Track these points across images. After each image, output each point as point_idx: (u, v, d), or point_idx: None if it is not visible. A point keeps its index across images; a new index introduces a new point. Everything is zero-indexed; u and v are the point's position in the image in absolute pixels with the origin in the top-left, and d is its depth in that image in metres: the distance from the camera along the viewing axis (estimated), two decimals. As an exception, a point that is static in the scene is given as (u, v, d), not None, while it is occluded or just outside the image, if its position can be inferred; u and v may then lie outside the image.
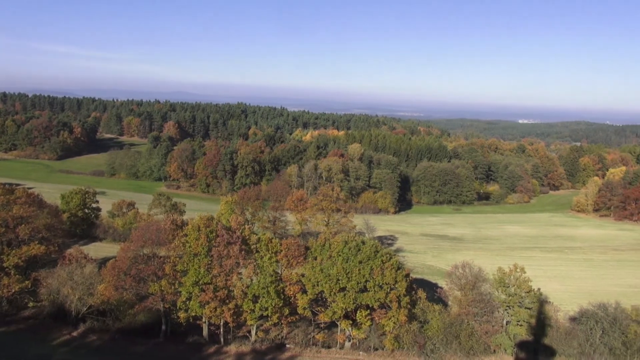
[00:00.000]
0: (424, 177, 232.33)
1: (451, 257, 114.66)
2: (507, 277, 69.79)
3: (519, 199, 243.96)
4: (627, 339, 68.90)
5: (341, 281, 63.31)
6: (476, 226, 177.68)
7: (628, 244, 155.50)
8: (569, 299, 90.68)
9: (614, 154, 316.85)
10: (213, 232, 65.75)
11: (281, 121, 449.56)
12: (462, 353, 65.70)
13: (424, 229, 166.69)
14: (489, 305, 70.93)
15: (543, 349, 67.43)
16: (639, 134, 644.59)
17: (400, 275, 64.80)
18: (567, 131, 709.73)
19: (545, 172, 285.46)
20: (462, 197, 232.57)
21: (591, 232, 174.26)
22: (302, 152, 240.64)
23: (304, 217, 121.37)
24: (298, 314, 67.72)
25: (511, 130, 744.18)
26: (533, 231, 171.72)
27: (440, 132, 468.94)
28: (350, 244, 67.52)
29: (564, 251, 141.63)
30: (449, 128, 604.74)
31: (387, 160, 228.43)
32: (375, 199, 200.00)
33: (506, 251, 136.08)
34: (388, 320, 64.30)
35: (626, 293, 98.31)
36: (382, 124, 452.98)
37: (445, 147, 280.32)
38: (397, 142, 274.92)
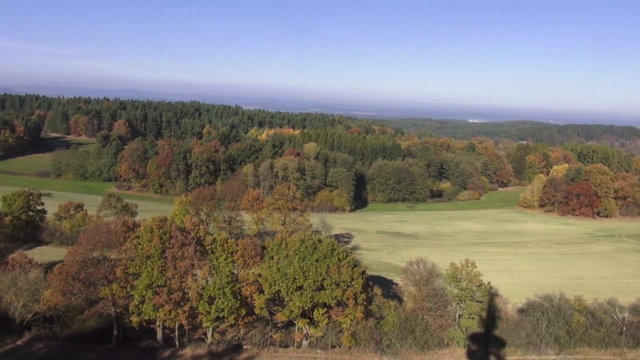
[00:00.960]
0: (379, 175, 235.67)
1: (406, 254, 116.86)
2: (459, 272, 71.89)
3: (470, 195, 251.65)
4: (571, 328, 72.50)
5: (298, 280, 63.34)
6: (429, 223, 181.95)
7: (571, 237, 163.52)
8: (517, 292, 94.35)
9: (557, 152, 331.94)
10: (167, 233, 64.30)
11: (236, 120, 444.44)
12: (417, 347, 67.16)
13: (380, 227, 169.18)
14: (442, 300, 72.84)
15: (493, 340, 69.90)
16: (580, 133, 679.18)
17: (356, 272, 65.49)
18: (514, 130, 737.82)
19: (494, 170, 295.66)
20: (416, 195, 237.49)
21: (537, 227, 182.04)
22: (257, 151, 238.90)
23: (260, 217, 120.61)
24: (255, 314, 67.29)
25: (462, 129, 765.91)
26: (483, 227, 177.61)
27: (394, 131, 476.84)
28: (307, 242, 67.63)
29: (512, 246, 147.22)
30: (403, 127, 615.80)
31: (342, 159, 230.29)
32: (332, 197, 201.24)
33: (458, 247, 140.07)
34: (345, 318, 64.88)
35: (569, 284, 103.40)
36: (337, 123, 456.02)
37: (399, 146, 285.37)
38: (352, 141, 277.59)
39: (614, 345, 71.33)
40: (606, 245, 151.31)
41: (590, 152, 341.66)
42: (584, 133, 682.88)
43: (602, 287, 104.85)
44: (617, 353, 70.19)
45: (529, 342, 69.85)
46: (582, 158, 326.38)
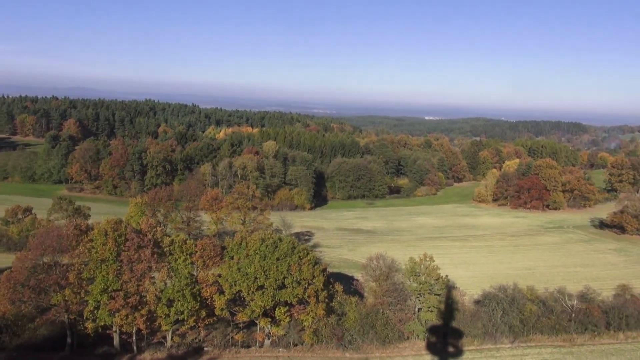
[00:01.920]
0: (338, 172, 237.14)
1: (366, 250, 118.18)
2: (417, 266, 73.37)
3: (427, 191, 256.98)
4: (524, 316, 75.45)
5: (259, 279, 63.00)
6: (388, 219, 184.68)
7: (523, 230, 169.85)
8: (474, 284, 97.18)
9: (509, 148, 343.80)
10: (122, 235, 62.52)
11: (193, 119, 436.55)
12: (378, 342, 68.15)
13: (340, 224, 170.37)
14: (402, 294, 74.19)
15: (452, 332, 71.82)
16: (530, 129, 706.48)
17: (317, 270, 65.74)
18: (468, 127, 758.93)
19: (450, 166, 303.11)
20: (374, 192, 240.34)
21: (491, 221, 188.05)
22: (215, 150, 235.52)
23: (219, 217, 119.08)
24: (216, 316, 66.48)
25: (418, 126, 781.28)
26: (440, 221, 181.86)
27: (353, 128, 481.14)
28: (267, 241, 67.35)
29: (468, 239, 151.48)
30: (361, 125, 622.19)
31: (302, 157, 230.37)
32: (291, 195, 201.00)
33: (416, 241, 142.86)
34: (307, 316, 65.06)
35: (522, 275, 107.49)
36: (296, 121, 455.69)
37: (358, 143, 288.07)
38: (311, 138, 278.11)
39: (564, 332, 74.78)
40: (555, 237, 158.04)
41: (539, 147, 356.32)
42: (533, 129, 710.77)
43: (552, 276, 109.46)
44: (567, 339, 73.62)
45: (485, 332, 72.21)
46: (532, 153, 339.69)
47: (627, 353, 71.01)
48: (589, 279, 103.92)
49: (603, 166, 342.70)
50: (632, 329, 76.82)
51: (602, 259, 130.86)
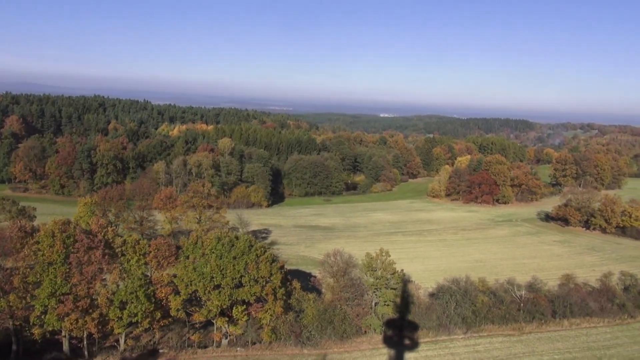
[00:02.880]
0: (295, 169, 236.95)
1: (323, 247, 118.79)
2: (374, 261, 74.42)
3: (383, 187, 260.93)
4: (476, 307, 78.01)
5: (215, 278, 62.18)
6: (345, 215, 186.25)
7: (474, 223, 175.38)
8: (428, 277, 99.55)
9: (460, 144, 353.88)
10: (70, 237, 60.14)
11: (145, 115, 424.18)
12: (336, 337, 68.69)
13: (297, 221, 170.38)
14: (359, 289, 75.07)
15: (407, 325, 73.32)
16: (480, 126, 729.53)
17: (275, 267, 65.57)
18: (421, 124, 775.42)
19: (405, 162, 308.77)
20: (331, 188, 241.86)
21: (444, 215, 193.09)
22: (169, 148, 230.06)
23: (174, 216, 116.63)
24: (171, 317, 65.13)
25: (374, 123, 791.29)
26: (396, 217, 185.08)
27: (309, 125, 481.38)
28: (224, 240, 66.56)
29: (422, 234, 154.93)
30: (317, 122, 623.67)
31: (258, 154, 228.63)
32: (248, 193, 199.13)
33: (373, 237, 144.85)
34: (265, 314, 64.81)
35: (474, 267, 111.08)
36: (252, 118, 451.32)
37: (315, 140, 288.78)
38: (267, 135, 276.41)
39: (513, 321, 77.86)
40: (505, 230, 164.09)
41: (489, 144, 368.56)
42: (483, 126, 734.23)
43: (502, 268, 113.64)
44: (516, 328, 76.69)
45: (439, 324, 74.17)
46: (482, 149, 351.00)
47: (571, 339, 74.78)
48: (536, 270, 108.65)
49: (548, 161, 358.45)
50: (576, 316, 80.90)
51: (548, 250, 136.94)
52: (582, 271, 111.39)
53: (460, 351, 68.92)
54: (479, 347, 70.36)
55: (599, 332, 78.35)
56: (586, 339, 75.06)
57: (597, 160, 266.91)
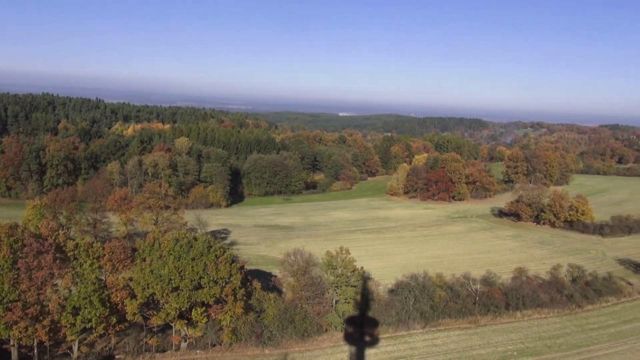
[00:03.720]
0: (255, 169, 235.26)
1: (284, 246, 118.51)
2: (334, 259, 74.91)
3: (342, 186, 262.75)
4: (434, 302, 79.86)
5: (174, 281, 60.97)
6: (305, 214, 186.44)
7: (431, 220, 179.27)
8: (388, 274, 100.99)
9: (418, 143, 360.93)
10: (18, 241, 57.54)
11: (97, 114, 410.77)
12: (297, 336, 68.72)
13: (257, 220, 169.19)
14: (319, 288, 75.38)
15: (368, 322, 74.23)
16: (437, 125, 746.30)
17: (234, 268, 64.95)
18: (380, 123, 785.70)
19: (364, 160, 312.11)
20: (291, 187, 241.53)
21: (403, 212, 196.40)
22: (124, 148, 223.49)
23: (129, 217, 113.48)
24: (127, 321, 63.42)
25: (333, 122, 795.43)
26: (355, 215, 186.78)
27: (268, 124, 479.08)
28: (182, 241, 65.36)
29: (381, 231, 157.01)
30: (277, 121, 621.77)
31: (216, 153, 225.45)
32: (207, 193, 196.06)
33: (333, 235, 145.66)
34: (225, 315, 64.09)
35: (431, 263, 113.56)
36: (210, 117, 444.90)
37: (274, 139, 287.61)
38: (226, 135, 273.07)
39: (469, 314, 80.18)
40: (460, 226, 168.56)
41: (445, 142, 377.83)
42: (439, 125, 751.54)
43: (458, 263, 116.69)
44: (472, 321, 79.02)
45: (399, 320, 75.46)
46: (438, 148, 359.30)
47: (524, 330, 77.78)
48: (490, 264, 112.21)
49: (501, 159, 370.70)
50: (528, 308, 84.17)
51: (501, 245, 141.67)
52: (533, 264, 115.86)
53: (419, 345, 70.38)
54: (437, 341, 72.08)
55: (549, 322, 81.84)
56: (538, 329, 78.24)
57: (547, 158, 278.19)
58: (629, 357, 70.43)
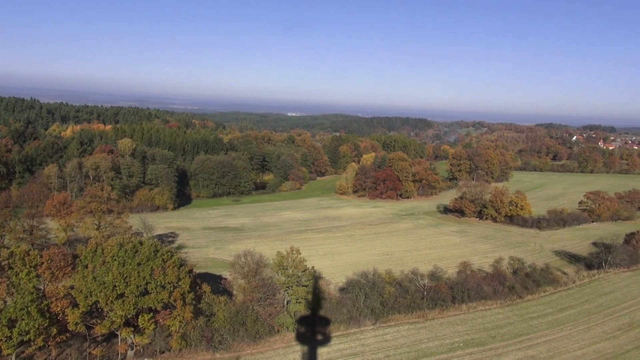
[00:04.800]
0: (202, 170, 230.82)
1: (233, 248, 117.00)
2: (285, 260, 74.74)
3: (292, 186, 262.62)
4: (384, 298, 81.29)
5: (118, 287, 58.78)
6: (255, 215, 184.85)
7: (380, 218, 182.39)
8: (338, 272, 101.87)
9: (366, 142, 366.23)
10: (-55, 251, 53.53)
11: (33, 114, 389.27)
12: (249, 339, 68.01)
13: (205, 223, 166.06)
14: (271, 289, 75.01)
15: (320, 321, 74.55)
16: (383, 125, 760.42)
17: (183, 272, 63.45)
18: (328, 122, 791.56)
19: (313, 160, 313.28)
20: (240, 188, 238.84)
21: (352, 211, 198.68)
22: (62, 150, 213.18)
23: (69, 223, 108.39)
24: (69, 331, 60.54)
25: (281, 122, 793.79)
26: (305, 215, 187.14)
27: (216, 125, 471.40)
28: (127, 246, 63.13)
29: (331, 230, 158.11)
30: (224, 121, 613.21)
31: (162, 154, 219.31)
32: (152, 196, 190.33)
33: (283, 236, 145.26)
34: (173, 320, 62.50)
35: (381, 260, 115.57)
36: (154, 117, 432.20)
37: (222, 140, 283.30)
38: (172, 135, 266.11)
39: (418, 309, 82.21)
40: (408, 223, 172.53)
41: (392, 141, 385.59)
42: (386, 124, 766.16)
43: (407, 259, 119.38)
44: (420, 315, 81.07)
45: (350, 317, 76.26)
46: (386, 147, 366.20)
47: (469, 321, 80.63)
48: (437, 259, 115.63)
49: (445, 157, 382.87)
50: (473, 300, 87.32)
51: (447, 240, 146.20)
52: (477, 258, 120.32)
53: (370, 342, 71.43)
54: (387, 337, 73.42)
55: (493, 313, 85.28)
56: (482, 321, 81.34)
57: (488, 156, 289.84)
58: (565, 342, 74.54)
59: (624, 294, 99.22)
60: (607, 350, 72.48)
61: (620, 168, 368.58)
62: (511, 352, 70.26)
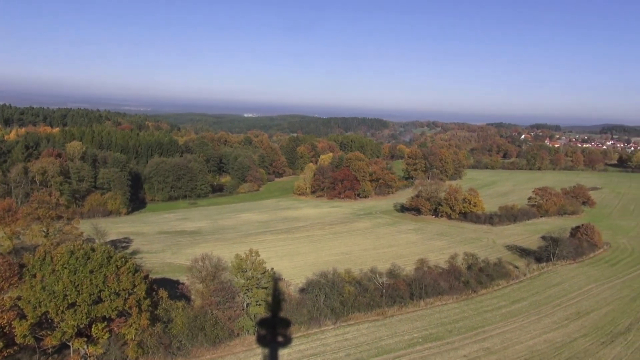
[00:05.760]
0: (157, 173, 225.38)
1: (191, 252, 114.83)
2: (244, 262, 74.00)
3: (250, 187, 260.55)
4: (344, 298, 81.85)
5: (70, 296, 56.49)
6: (212, 218, 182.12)
7: (339, 218, 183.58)
8: (298, 273, 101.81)
9: (323, 143, 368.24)
10: None
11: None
12: (208, 344, 66.90)
13: (161, 227, 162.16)
14: (230, 292, 74.06)
15: (280, 322, 74.23)
16: (340, 125, 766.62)
17: (138, 278, 61.73)
18: (285, 123, 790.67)
19: (270, 161, 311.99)
20: (197, 191, 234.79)
21: (311, 212, 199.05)
22: (5, 154, 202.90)
23: (14, 230, 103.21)
24: (17, 345, 57.67)
25: (238, 123, 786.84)
26: (264, 216, 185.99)
27: (170, 126, 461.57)
28: (78, 253, 60.75)
29: (290, 231, 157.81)
30: (179, 122, 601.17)
31: (114, 157, 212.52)
32: (104, 200, 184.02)
33: (242, 238, 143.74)
34: (129, 328, 60.66)
35: (340, 260, 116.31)
36: (105, 119, 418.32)
37: (176, 142, 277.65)
38: (124, 138, 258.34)
39: (377, 307, 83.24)
40: (366, 222, 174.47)
41: (349, 141, 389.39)
42: (343, 125, 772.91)
43: (365, 258, 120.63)
44: (380, 313, 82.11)
45: (310, 318, 76.34)
46: (343, 147, 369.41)
47: (427, 317, 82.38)
48: (395, 257, 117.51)
49: (401, 157, 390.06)
50: (430, 296, 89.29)
51: (404, 238, 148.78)
52: (434, 255, 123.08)
53: (331, 341, 71.74)
54: (348, 335, 73.96)
55: (449, 308, 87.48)
56: (439, 316, 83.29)
57: (442, 155, 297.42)
58: (518, 333, 77.39)
59: (570, 284, 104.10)
60: (556, 339, 75.76)
61: (565, 165, 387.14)
62: (467, 345, 72.28)
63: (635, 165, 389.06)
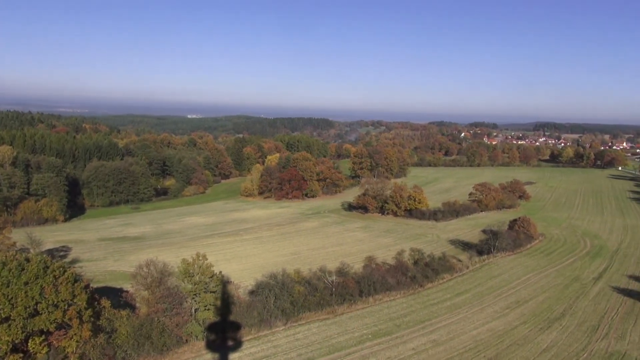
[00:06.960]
0: (96, 177, 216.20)
1: (134, 258, 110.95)
2: (191, 266, 72.34)
3: (195, 190, 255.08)
4: (294, 298, 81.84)
5: (3, 310, 53.22)
6: (157, 222, 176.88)
7: (287, 219, 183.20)
8: (247, 275, 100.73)
9: (269, 143, 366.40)
10: None
11: None
12: (155, 352, 64.95)
13: (102, 233, 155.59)
14: (177, 298, 72.17)
15: (230, 326, 73.17)
16: (287, 125, 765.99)
17: (78, 288, 59.07)
18: (230, 124, 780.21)
19: (216, 163, 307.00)
20: (139, 195, 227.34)
21: (259, 213, 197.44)
22: None
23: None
24: (-57, 366, 53.54)
25: (181, 124, 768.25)
26: (211, 219, 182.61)
27: (109, 129, 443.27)
28: (11, 264, 57.30)
29: (238, 233, 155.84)
30: (119, 124, 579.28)
31: (49, 162, 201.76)
32: (39, 207, 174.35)
33: (188, 242, 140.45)
34: (69, 341, 57.91)
35: (289, 260, 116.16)
36: (38, 122, 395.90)
37: (117, 145, 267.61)
38: (59, 141, 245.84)
39: (327, 305, 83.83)
40: (314, 222, 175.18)
41: (296, 141, 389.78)
42: (289, 125, 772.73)
43: (314, 258, 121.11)
44: (330, 311, 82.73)
45: (260, 320, 75.78)
46: (290, 147, 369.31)
47: (376, 313, 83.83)
48: (343, 256, 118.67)
49: (347, 156, 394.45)
50: (378, 292, 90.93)
51: (352, 237, 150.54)
52: (381, 252, 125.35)
53: (282, 342, 71.53)
54: (299, 335, 74.01)
55: (397, 303, 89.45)
56: (388, 311, 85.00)
57: (387, 153, 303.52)
58: (462, 324, 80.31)
59: (510, 275, 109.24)
60: (498, 328, 79.25)
61: (502, 161, 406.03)
62: (415, 338, 74.20)
63: (565, 161, 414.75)
